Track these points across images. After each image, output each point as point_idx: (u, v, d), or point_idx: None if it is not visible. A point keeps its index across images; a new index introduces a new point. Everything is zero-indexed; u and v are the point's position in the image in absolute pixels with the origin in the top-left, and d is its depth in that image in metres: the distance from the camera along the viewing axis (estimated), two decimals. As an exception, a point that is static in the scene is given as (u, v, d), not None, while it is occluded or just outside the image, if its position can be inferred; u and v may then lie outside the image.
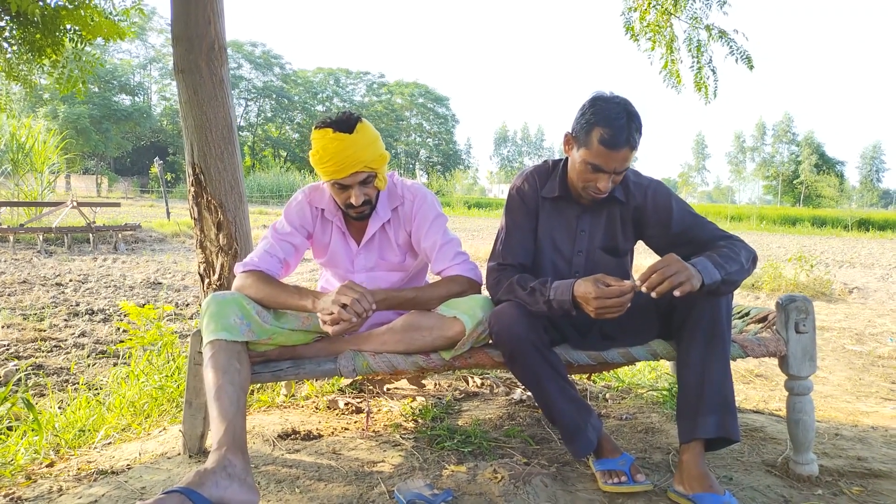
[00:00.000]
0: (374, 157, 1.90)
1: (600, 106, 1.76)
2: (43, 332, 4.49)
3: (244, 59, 58.66)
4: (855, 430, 2.47)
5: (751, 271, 1.78)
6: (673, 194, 1.94)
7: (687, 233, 1.88)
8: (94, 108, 43.78)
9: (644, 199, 1.92)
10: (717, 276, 1.65)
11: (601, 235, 1.97)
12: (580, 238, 1.97)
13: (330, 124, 1.88)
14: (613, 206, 1.95)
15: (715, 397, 1.69)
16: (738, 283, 1.74)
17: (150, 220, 15.29)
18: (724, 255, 1.72)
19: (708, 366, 1.71)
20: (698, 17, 4.12)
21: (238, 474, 1.50)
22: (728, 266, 1.69)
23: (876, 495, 1.76)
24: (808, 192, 61.93)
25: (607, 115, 1.74)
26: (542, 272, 1.97)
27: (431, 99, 70.92)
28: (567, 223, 1.97)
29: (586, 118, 1.78)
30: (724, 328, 1.74)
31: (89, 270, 7.84)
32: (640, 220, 1.95)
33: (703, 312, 1.73)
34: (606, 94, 1.80)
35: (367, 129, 1.90)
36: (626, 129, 1.72)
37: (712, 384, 1.70)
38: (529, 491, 1.72)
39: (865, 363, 4.17)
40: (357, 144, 1.86)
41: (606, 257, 1.97)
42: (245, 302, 1.85)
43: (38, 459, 2.12)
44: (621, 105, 1.76)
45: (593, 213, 1.96)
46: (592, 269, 1.95)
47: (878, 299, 7.35)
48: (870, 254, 14.51)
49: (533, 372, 1.77)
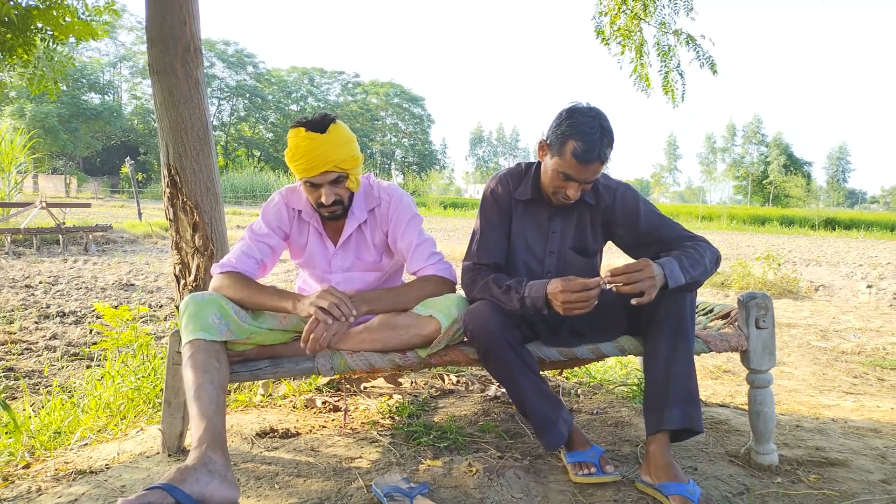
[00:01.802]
0: (344, 158, 1.94)
1: (576, 119, 1.83)
2: (13, 334, 4.43)
3: (217, 58, 57.98)
4: (816, 423, 2.57)
5: (713, 271, 1.87)
6: (640, 196, 2.02)
7: (654, 233, 1.96)
8: (62, 107, 42.87)
9: (613, 201, 2.01)
10: (681, 280, 1.74)
11: (572, 236, 2.04)
12: (552, 239, 2.04)
13: (304, 123, 1.93)
14: (584, 208, 2.03)
15: (680, 390, 1.77)
16: (701, 282, 1.83)
17: (122, 220, 15.07)
18: (690, 256, 1.81)
19: (673, 360, 1.79)
20: (667, 22, 4.23)
21: (219, 471, 1.53)
22: (693, 270, 1.78)
23: (832, 482, 1.85)
24: (777, 192, 63.13)
25: (582, 130, 1.80)
26: (516, 272, 2.04)
27: (407, 99, 70.86)
28: (539, 224, 2.04)
29: (562, 129, 1.84)
30: (688, 325, 1.82)
31: (59, 272, 7.73)
32: (610, 222, 2.03)
33: (668, 310, 1.80)
34: (583, 107, 1.87)
35: (340, 131, 1.94)
36: (598, 144, 1.80)
37: (678, 378, 1.77)
38: (503, 483, 1.77)
39: (829, 359, 4.30)
40: (328, 144, 1.90)
41: (577, 257, 2.05)
42: (223, 302, 1.87)
43: (13, 461, 2.11)
44: (596, 120, 1.83)
45: (564, 215, 2.03)
46: (563, 269, 2.03)
47: (842, 297, 7.56)
48: (836, 252, 14.88)
49: (506, 367, 1.83)
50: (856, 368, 4.01)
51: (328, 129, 1.91)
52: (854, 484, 1.83)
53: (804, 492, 1.78)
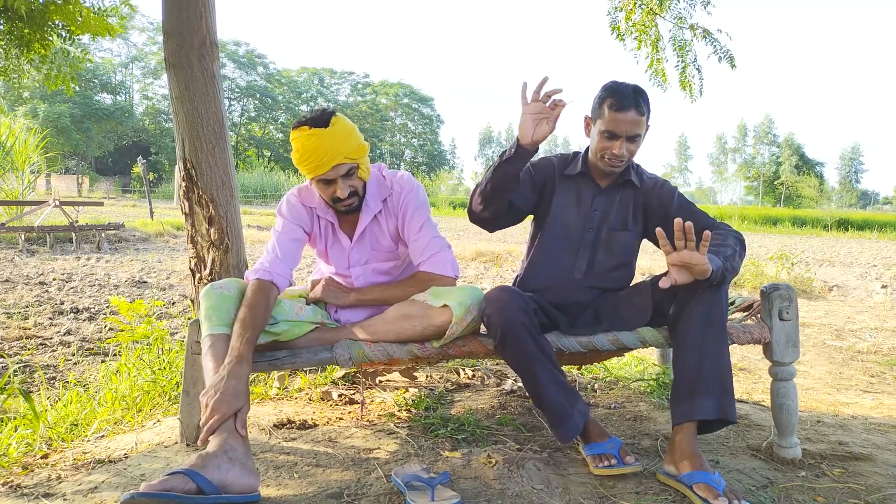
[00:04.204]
0: (353, 149, 1.93)
1: (610, 85, 2.00)
2: (28, 330, 4.45)
3: (228, 59, 58.18)
4: (836, 419, 2.54)
5: (742, 256, 1.88)
6: (677, 191, 2.13)
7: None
8: (74, 107, 43.14)
9: (653, 188, 2.12)
10: (719, 266, 1.74)
11: (613, 216, 2.12)
12: (592, 216, 2.11)
13: (306, 122, 1.91)
14: (627, 189, 2.13)
15: (714, 380, 1.74)
16: (737, 270, 1.84)
17: (134, 219, 15.14)
18: (726, 252, 1.81)
19: (707, 349, 1.76)
20: (683, 16, 4.20)
21: (239, 458, 1.53)
22: (730, 264, 1.80)
23: (857, 476, 1.82)
24: (789, 193, 62.75)
25: (615, 88, 1.98)
26: (554, 244, 2.13)
27: (416, 99, 70.89)
28: (582, 201, 2.13)
29: (599, 96, 2.01)
30: (722, 316, 1.81)
31: (73, 269, 7.77)
32: (647, 207, 2.12)
33: (702, 299, 1.79)
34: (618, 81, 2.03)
35: (342, 122, 1.94)
36: (632, 95, 1.94)
37: (711, 367, 1.75)
38: (523, 474, 1.76)
39: (845, 358, 4.26)
40: (334, 137, 1.89)
41: (616, 234, 2.12)
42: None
43: (31, 452, 2.12)
44: (630, 84, 1.99)
45: (608, 195, 2.12)
46: (600, 246, 2.11)
47: (857, 297, 7.49)
48: (849, 253, 14.75)
49: (523, 354, 1.81)
50: (872, 368, 3.96)
51: (331, 123, 1.90)
52: (880, 478, 1.81)
53: (829, 485, 1.75)
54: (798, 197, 58.74)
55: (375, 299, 2.09)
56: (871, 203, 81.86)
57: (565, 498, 1.65)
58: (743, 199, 75.20)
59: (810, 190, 48.27)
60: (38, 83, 4.50)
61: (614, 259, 2.12)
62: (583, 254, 2.11)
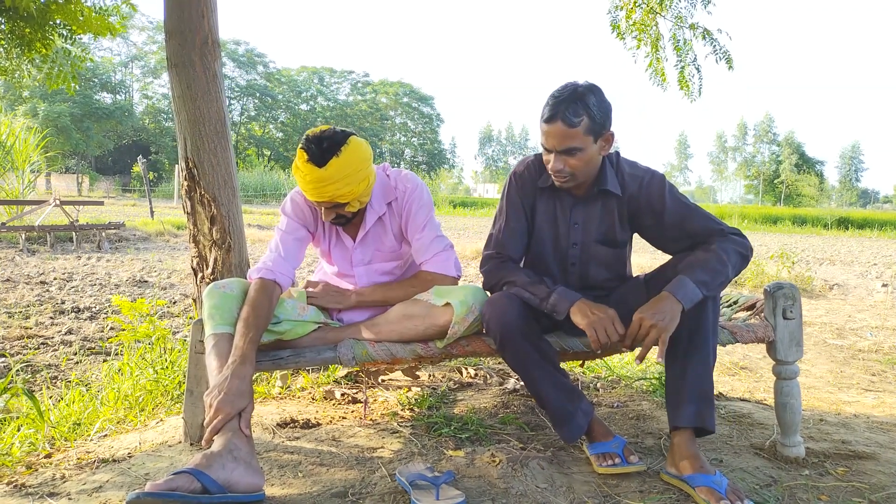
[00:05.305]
0: (342, 193, 1.87)
1: (554, 90, 1.78)
2: (29, 329, 4.45)
3: (228, 58, 58.05)
4: (838, 417, 2.54)
5: (740, 268, 1.79)
6: (668, 185, 1.91)
7: (680, 226, 1.87)
8: (74, 107, 43.09)
9: (638, 189, 1.91)
10: (698, 297, 1.69)
11: (596, 228, 1.96)
12: (574, 230, 1.97)
13: (307, 148, 1.85)
14: (608, 198, 1.93)
15: (694, 389, 1.72)
16: (723, 287, 1.77)
17: (134, 218, 15.13)
18: (710, 266, 1.72)
19: (688, 361, 1.74)
20: (683, 16, 4.20)
21: (244, 457, 1.53)
22: (712, 281, 1.71)
23: (860, 475, 1.82)
24: (789, 192, 62.73)
25: (551, 95, 1.76)
26: (540, 263, 2.01)
27: (416, 98, 70.83)
28: (561, 215, 1.98)
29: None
30: (707, 327, 1.74)
31: (73, 269, 7.77)
32: (636, 213, 1.94)
33: (687, 315, 1.71)
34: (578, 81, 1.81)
35: (341, 165, 1.84)
36: (561, 105, 1.72)
37: (693, 377, 1.73)
38: (527, 473, 1.76)
39: (846, 357, 4.26)
40: (326, 180, 1.84)
41: (603, 249, 1.98)
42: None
43: (34, 451, 2.12)
44: (572, 86, 1.75)
45: (586, 205, 1.95)
46: (588, 261, 1.98)
47: (857, 295, 7.49)
48: (849, 252, 14.74)
49: (521, 359, 1.81)
50: (873, 366, 3.97)
51: (327, 165, 1.82)
52: (883, 476, 1.81)
53: (833, 484, 1.76)
54: (798, 195, 58.72)
55: (377, 300, 2.07)
56: (872, 202, 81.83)
57: (569, 497, 1.65)
58: (743, 198, 75.19)
59: (810, 188, 48.24)
60: (38, 82, 4.50)
61: (608, 271, 2.01)
62: (573, 270, 2.00)
